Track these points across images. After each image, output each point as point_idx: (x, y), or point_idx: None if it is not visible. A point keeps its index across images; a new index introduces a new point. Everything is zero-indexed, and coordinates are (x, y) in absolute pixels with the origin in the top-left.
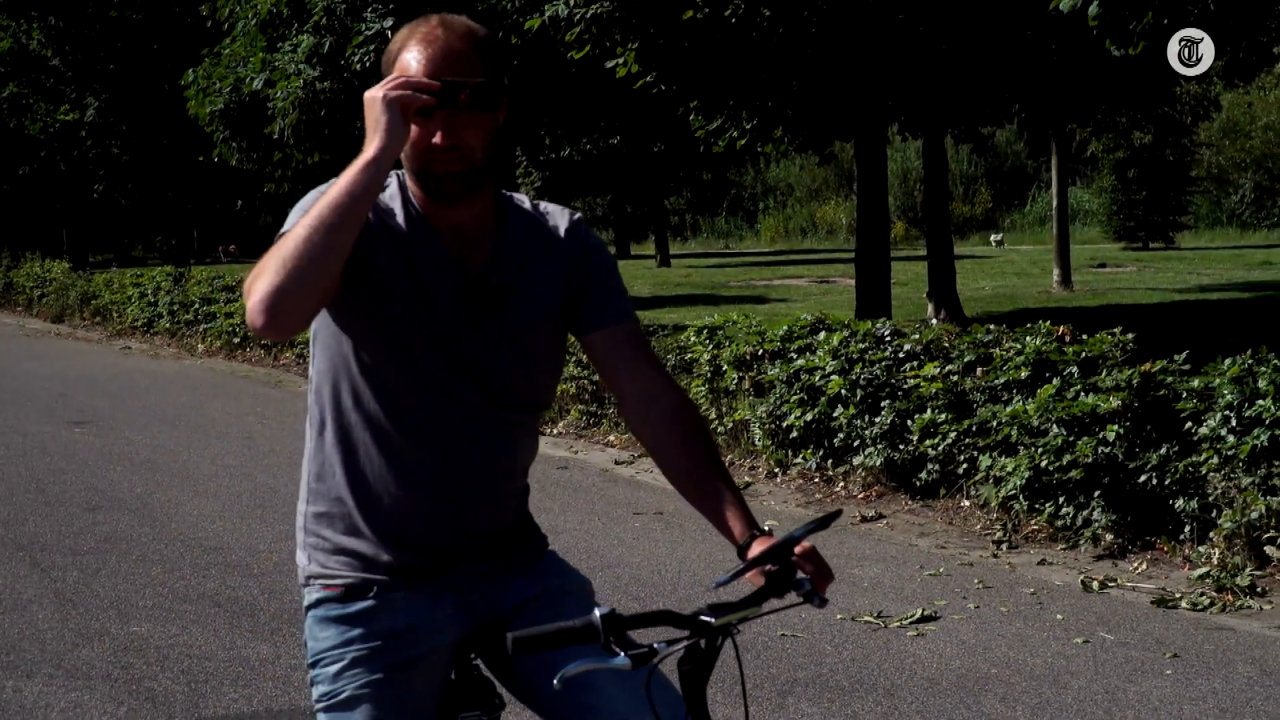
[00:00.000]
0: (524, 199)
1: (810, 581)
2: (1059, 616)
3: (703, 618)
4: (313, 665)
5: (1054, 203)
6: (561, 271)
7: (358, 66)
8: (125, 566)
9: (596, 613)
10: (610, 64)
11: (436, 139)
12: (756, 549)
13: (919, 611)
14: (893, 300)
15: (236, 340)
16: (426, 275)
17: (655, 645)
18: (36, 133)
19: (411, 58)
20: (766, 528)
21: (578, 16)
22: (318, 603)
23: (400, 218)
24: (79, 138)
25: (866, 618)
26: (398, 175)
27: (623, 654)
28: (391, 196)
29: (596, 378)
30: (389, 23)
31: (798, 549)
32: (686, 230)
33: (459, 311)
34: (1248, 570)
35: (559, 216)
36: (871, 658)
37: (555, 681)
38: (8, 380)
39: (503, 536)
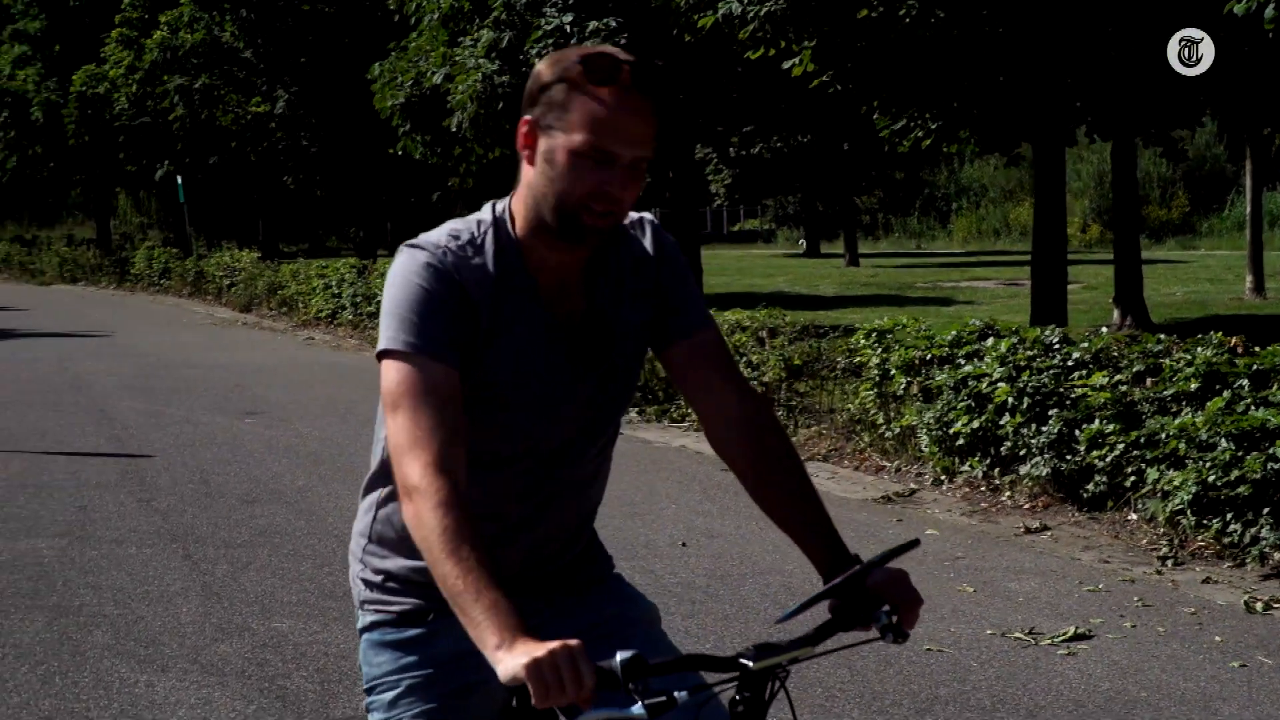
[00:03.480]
0: None
1: (890, 613)
2: (1217, 638)
3: (742, 660)
4: (368, 691)
5: (1248, 208)
6: (650, 294)
7: (536, 61)
8: (275, 561)
9: (618, 657)
10: (787, 64)
11: (614, 187)
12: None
13: (1072, 629)
14: (1082, 305)
15: None
16: (522, 331)
17: (675, 694)
18: (228, 124)
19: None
20: (855, 554)
21: (751, 14)
22: (372, 626)
23: (493, 265)
24: (269, 129)
25: (1017, 634)
26: (493, 208)
27: (640, 703)
28: (486, 239)
29: (766, 379)
30: (568, 18)
31: (876, 578)
32: (879, 229)
33: (555, 362)
34: None
35: (642, 230)
36: (1017, 676)
37: None
38: (187, 370)
39: (570, 563)
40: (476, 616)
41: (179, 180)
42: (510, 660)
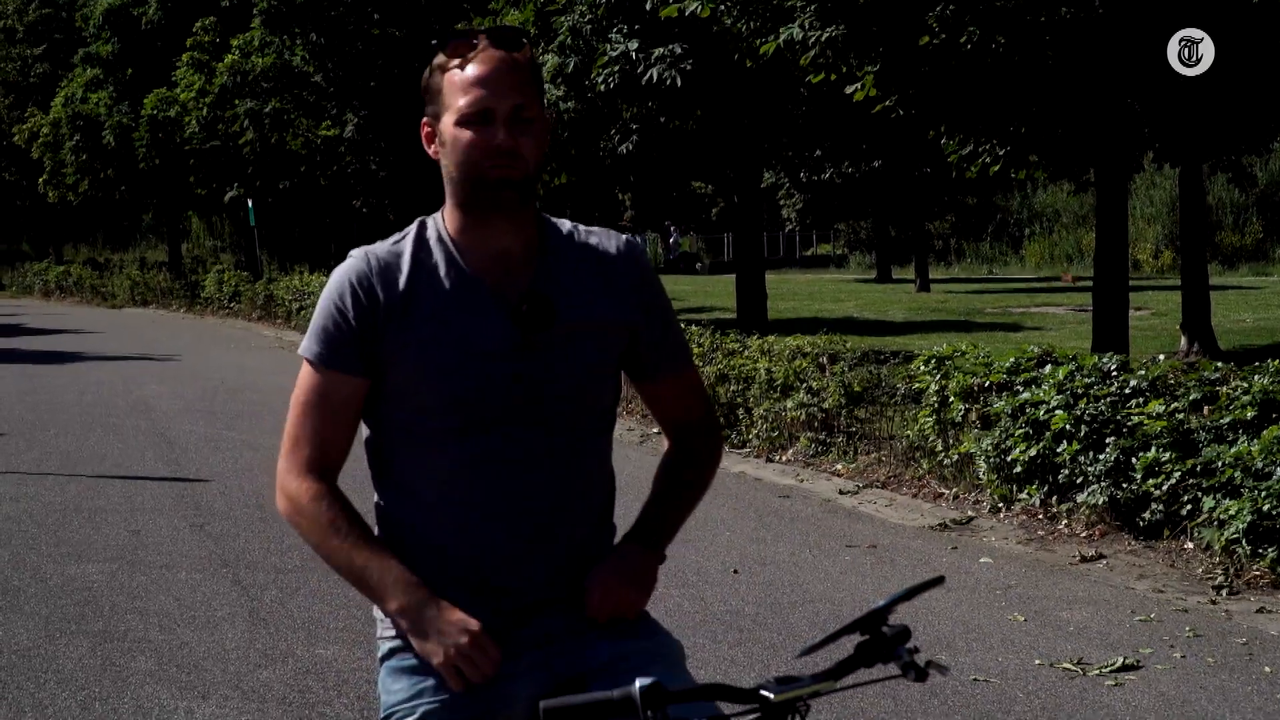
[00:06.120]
0: (565, 222)
1: (913, 651)
2: (1267, 669)
3: (763, 692)
4: (386, 719)
5: None
6: (615, 289)
7: (602, 87)
8: (325, 586)
9: (637, 684)
10: (849, 89)
11: (500, 138)
12: (625, 552)
13: (1121, 660)
14: (1150, 331)
15: None
16: (446, 294)
17: None
18: (298, 148)
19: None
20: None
21: (812, 40)
22: (390, 653)
23: (411, 250)
24: (339, 153)
25: (1065, 664)
26: (434, 221)
27: None
28: (411, 235)
29: (825, 405)
30: (634, 44)
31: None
32: (950, 255)
33: (506, 346)
34: None
35: (606, 236)
36: (1063, 708)
37: None
38: (251, 394)
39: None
40: (374, 584)
41: (249, 204)
42: (420, 645)
